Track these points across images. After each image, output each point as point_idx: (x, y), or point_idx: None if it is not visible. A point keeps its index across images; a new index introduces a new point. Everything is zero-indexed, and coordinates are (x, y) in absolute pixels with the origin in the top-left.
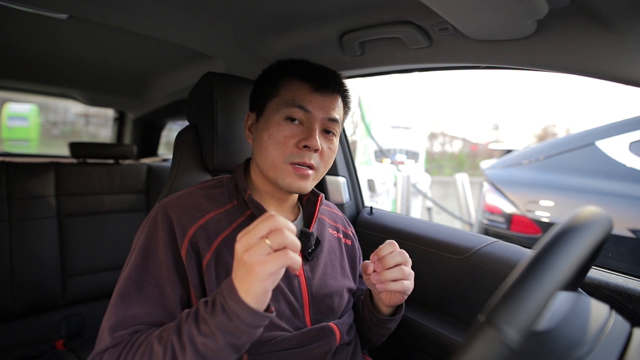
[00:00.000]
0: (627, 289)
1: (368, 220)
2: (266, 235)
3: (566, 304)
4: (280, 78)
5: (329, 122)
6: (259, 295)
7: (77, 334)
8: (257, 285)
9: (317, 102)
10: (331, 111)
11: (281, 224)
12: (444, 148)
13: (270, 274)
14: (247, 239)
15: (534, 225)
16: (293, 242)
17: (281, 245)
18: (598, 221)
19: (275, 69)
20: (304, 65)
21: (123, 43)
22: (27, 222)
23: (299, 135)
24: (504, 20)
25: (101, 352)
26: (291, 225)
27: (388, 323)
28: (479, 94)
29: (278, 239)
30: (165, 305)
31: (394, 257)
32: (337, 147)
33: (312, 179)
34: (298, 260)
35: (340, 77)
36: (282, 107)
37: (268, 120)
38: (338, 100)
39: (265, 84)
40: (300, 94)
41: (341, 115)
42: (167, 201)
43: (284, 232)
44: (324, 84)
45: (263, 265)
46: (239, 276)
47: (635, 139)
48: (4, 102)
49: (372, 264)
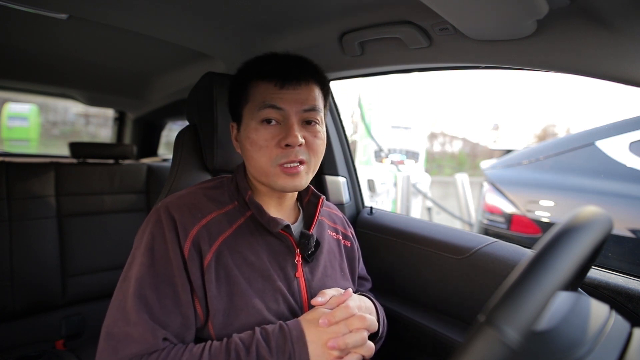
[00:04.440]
0: (627, 289)
1: (368, 220)
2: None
3: (566, 304)
4: (248, 82)
5: (306, 113)
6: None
7: (77, 334)
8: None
9: (287, 98)
10: (305, 102)
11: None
12: (444, 148)
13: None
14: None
15: (534, 225)
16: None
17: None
18: (598, 221)
19: (241, 75)
20: (266, 63)
21: (123, 43)
22: (27, 222)
23: (278, 135)
24: (504, 20)
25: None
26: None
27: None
28: (479, 94)
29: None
30: (179, 304)
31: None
32: (325, 134)
33: (305, 173)
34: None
35: (308, 63)
36: (255, 112)
37: (247, 128)
38: (311, 88)
39: (236, 92)
40: (268, 94)
41: (319, 101)
42: (169, 201)
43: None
44: (289, 77)
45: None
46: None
47: (635, 139)
48: (4, 102)
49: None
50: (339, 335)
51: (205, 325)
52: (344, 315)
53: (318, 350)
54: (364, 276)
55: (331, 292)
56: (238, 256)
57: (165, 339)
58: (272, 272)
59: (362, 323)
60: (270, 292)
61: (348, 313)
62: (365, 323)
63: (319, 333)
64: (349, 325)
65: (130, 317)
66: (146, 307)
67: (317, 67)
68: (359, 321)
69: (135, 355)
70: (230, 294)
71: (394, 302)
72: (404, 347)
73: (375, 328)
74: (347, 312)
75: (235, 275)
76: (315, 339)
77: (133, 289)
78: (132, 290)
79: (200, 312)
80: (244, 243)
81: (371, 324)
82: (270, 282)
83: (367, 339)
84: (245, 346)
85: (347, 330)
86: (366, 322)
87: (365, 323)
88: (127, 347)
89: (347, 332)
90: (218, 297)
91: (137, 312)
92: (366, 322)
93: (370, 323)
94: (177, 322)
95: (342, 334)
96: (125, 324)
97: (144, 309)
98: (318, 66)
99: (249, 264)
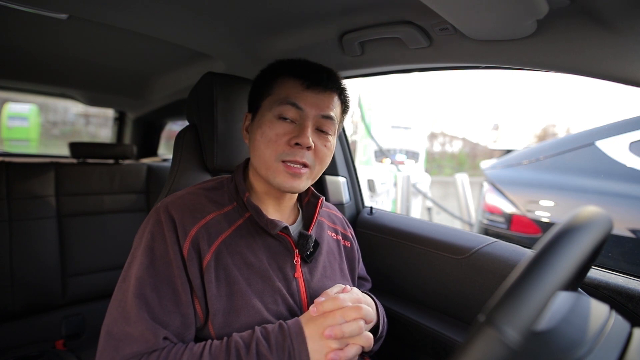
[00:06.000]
0: (627, 289)
1: (368, 220)
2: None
3: (566, 304)
4: (275, 77)
5: (323, 120)
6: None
7: (77, 334)
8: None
9: (309, 100)
10: (325, 109)
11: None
12: (444, 148)
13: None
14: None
15: (534, 225)
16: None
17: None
18: (598, 221)
19: (271, 69)
20: (299, 63)
21: (123, 43)
22: (27, 222)
23: (290, 133)
24: (504, 20)
25: (138, 355)
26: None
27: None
28: (479, 94)
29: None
30: (179, 303)
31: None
32: (334, 146)
33: (306, 178)
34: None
35: (336, 75)
36: (275, 106)
37: (261, 119)
38: (333, 98)
39: (261, 84)
40: (292, 91)
41: (338, 113)
42: (169, 201)
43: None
44: (317, 81)
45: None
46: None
47: (635, 139)
48: (4, 102)
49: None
50: (335, 325)
51: (205, 325)
52: (334, 305)
53: (316, 344)
54: (363, 276)
55: (334, 290)
56: (237, 257)
57: (165, 339)
58: (271, 273)
59: (358, 313)
60: (269, 292)
61: (338, 304)
62: (360, 313)
63: (316, 326)
64: (345, 316)
65: (130, 316)
66: (146, 307)
67: (342, 83)
68: (354, 311)
69: (136, 354)
70: (229, 294)
71: (394, 302)
72: (404, 347)
73: (373, 319)
74: (337, 303)
75: (234, 276)
76: (313, 332)
77: (133, 289)
78: (132, 290)
79: (199, 312)
80: (243, 244)
81: (367, 314)
82: (270, 283)
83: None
84: (245, 344)
85: (344, 320)
86: (362, 311)
87: (360, 313)
88: (127, 346)
89: (344, 322)
90: (218, 297)
91: (137, 312)
92: (362, 312)
93: (366, 313)
94: (177, 321)
95: (339, 324)
96: (125, 324)
97: (144, 308)
98: (343, 83)
99: (248, 264)
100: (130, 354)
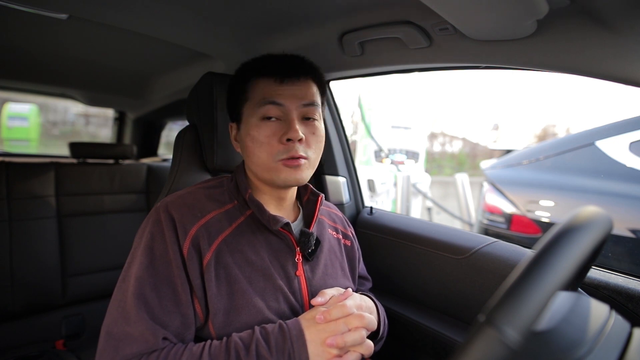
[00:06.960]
0: (627, 289)
1: (368, 220)
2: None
3: (566, 304)
4: (247, 81)
5: (305, 108)
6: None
7: (77, 334)
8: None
9: (287, 93)
10: (304, 97)
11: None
12: (444, 148)
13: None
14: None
15: (534, 225)
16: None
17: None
18: (598, 221)
19: (240, 74)
20: (265, 60)
21: (123, 43)
22: (27, 222)
23: (280, 131)
24: (504, 20)
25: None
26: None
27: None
28: (479, 94)
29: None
30: (178, 303)
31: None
32: (324, 130)
33: (306, 168)
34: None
35: (305, 61)
36: (256, 109)
37: (247, 125)
38: (310, 84)
39: (235, 91)
40: (268, 90)
41: (317, 97)
42: (169, 200)
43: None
44: (289, 72)
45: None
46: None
47: (635, 139)
48: (4, 102)
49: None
50: (337, 333)
51: (205, 324)
52: (341, 313)
53: (317, 349)
54: (364, 276)
55: (331, 291)
56: (238, 255)
57: (165, 339)
58: (273, 271)
59: (361, 322)
60: (270, 290)
61: (345, 311)
62: (363, 321)
63: (318, 332)
64: (347, 323)
65: (130, 316)
66: (146, 307)
67: (313, 64)
68: (357, 320)
69: (135, 354)
70: (230, 293)
71: (394, 302)
72: (404, 347)
73: (375, 327)
74: (344, 311)
75: (235, 274)
76: (314, 337)
77: (133, 289)
78: (132, 290)
79: (199, 312)
80: (244, 242)
81: (370, 323)
82: (271, 281)
83: (367, 338)
84: (245, 345)
85: (346, 328)
86: (365, 320)
87: (363, 321)
88: (127, 346)
89: (346, 330)
90: (218, 296)
91: (137, 312)
92: (365, 321)
93: (369, 322)
94: (177, 321)
95: (341, 333)
96: (125, 324)
97: (143, 308)
98: (314, 63)
99: (249, 262)
100: (130, 354)
